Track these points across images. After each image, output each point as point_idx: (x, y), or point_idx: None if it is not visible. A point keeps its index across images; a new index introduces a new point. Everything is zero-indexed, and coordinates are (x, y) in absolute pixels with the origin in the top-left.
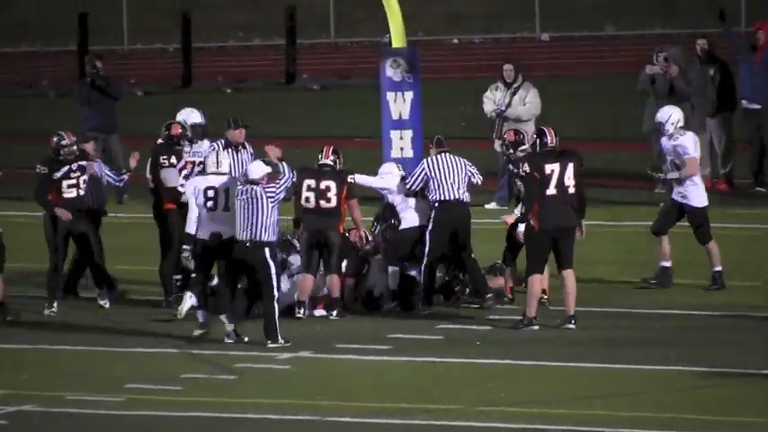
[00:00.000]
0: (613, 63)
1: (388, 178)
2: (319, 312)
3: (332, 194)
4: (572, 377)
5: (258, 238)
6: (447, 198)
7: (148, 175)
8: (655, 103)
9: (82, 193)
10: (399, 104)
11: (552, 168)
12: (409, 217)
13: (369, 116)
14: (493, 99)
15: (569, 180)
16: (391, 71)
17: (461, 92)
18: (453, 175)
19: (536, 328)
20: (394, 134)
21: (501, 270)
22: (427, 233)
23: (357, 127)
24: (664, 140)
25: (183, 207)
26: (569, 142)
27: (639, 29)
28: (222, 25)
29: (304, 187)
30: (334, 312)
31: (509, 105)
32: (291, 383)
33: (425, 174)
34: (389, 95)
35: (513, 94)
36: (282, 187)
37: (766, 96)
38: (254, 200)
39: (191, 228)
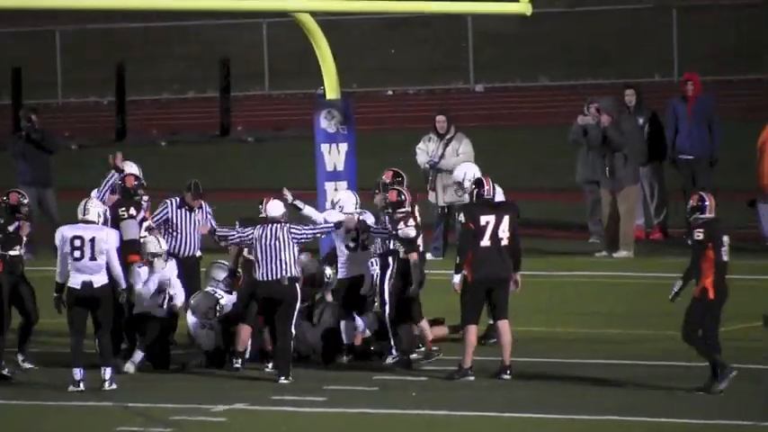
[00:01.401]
0: (547, 114)
1: (332, 213)
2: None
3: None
4: (508, 427)
5: (291, 274)
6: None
7: None
8: (587, 154)
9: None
10: (334, 156)
11: (487, 220)
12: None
13: (303, 168)
14: (426, 150)
15: (504, 232)
16: (325, 123)
17: (396, 143)
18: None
19: (471, 378)
20: (329, 185)
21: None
22: (386, 284)
23: (292, 179)
24: (466, 196)
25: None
26: (504, 193)
27: (572, 79)
28: (156, 78)
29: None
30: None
31: (442, 156)
32: None
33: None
34: (324, 147)
35: (446, 145)
36: (314, 233)
37: (699, 146)
38: (280, 240)
39: (58, 276)
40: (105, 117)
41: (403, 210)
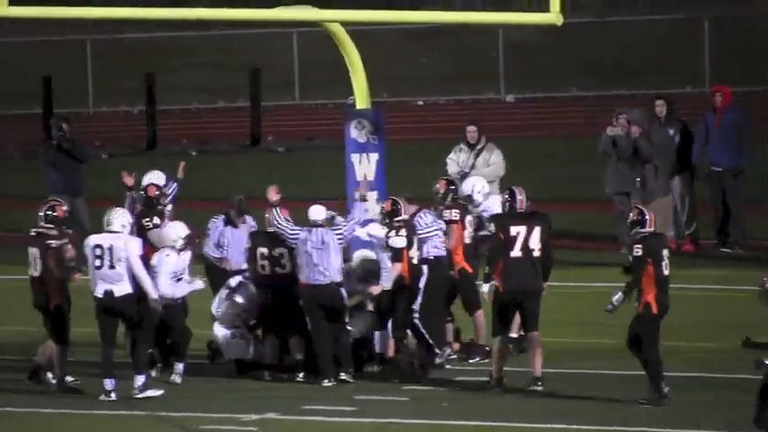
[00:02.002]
0: (577, 124)
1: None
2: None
3: (285, 261)
4: None
5: (337, 279)
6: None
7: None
8: (616, 164)
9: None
10: (364, 166)
11: (518, 230)
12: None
13: (334, 178)
14: (457, 161)
15: (535, 243)
16: (356, 133)
17: (426, 153)
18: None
19: (502, 389)
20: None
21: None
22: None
23: (322, 189)
24: (477, 210)
25: None
26: (534, 203)
27: (603, 90)
28: (186, 87)
29: (258, 254)
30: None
31: (473, 167)
32: None
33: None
34: (354, 157)
35: (477, 155)
36: (348, 227)
37: (728, 158)
38: (325, 243)
39: (91, 285)
40: (136, 126)
41: (399, 219)
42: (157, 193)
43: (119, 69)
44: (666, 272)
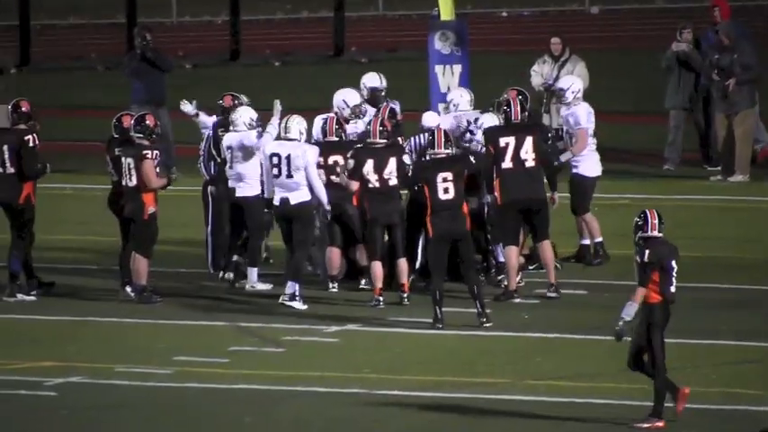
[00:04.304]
0: (662, 37)
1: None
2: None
3: (339, 168)
4: (619, 351)
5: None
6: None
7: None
8: (678, 80)
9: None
10: (448, 78)
11: (507, 141)
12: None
13: (417, 89)
14: (540, 73)
15: (527, 153)
16: (440, 44)
17: (509, 65)
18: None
19: (516, 300)
20: (441, 107)
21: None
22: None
23: (406, 100)
24: (562, 109)
25: None
26: (616, 116)
27: (689, 2)
28: None
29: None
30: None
31: (557, 79)
32: (339, 356)
33: None
34: (438, 69)
35: (561, 67)
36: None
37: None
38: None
39: (266, 192)
40: (219, 36)
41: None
42: (231, 103)
43: None
44: (673, 288)
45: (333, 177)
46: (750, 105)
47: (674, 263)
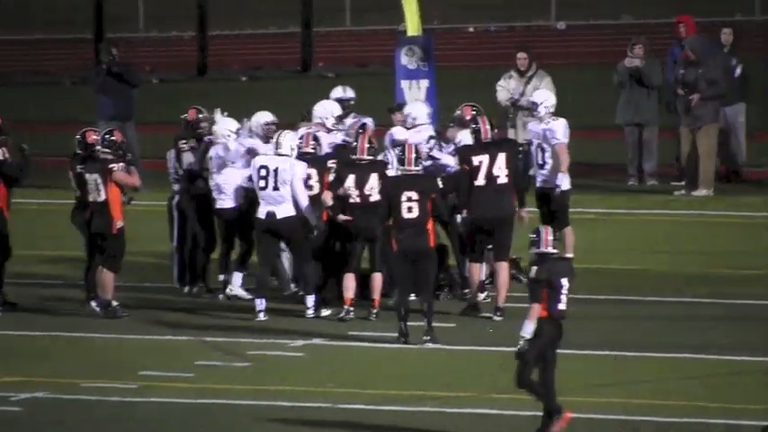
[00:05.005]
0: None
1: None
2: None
3: (313, 182)
4: (586, 365)
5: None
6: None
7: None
8: (629, 95)
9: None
10: (414, 92)
11: (480, 160)
12: None
13: (383, 104)
14: (507, 88)
15: (500, 170)
16: (406, 59)
17: (476, 80)
18: None
19: (481, 315)
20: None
21: None
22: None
23: (374, 114)
24: (533, 123)
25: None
26: (583, 131)
27: (655, 17)
28: (238, 13)
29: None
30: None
31: (523, 94)
32: (304, 370)
33: None
34: (404, 84)
35: (527, 82)
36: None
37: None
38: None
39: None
40: (187, 52)
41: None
42: (197, 117)
43: None
44: (562, 306)
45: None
46: (714, 120)
47: (564, 280)
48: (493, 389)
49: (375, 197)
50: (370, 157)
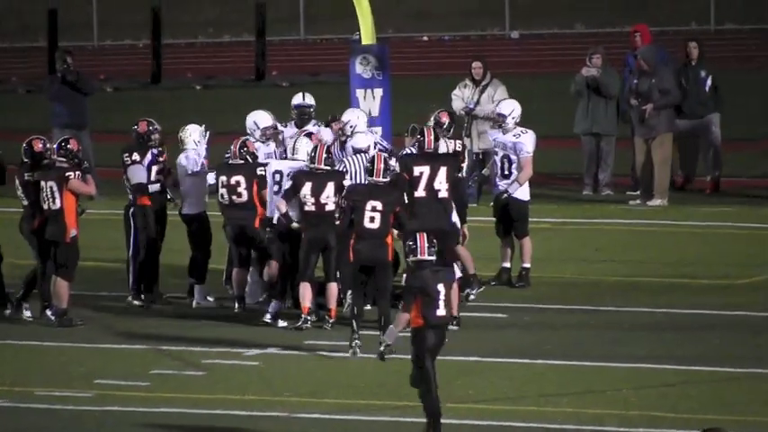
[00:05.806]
0: (582, 61)
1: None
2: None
3: (242, 189)
4: (540, 375)
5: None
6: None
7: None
8: (587, 105)
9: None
10: (369, 101)
11: (422, 170)
12: None
13: (339, 113)
14: (461, 97)
15: (441, 183)
16: (361, 68)
17: (431, 89)
18: None
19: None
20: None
21: None
22: None
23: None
24: (497, 134)
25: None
26: (541, 140)
27: (608, 27)
28: (192, 21)
29: (220, 183)
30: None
31: (477, 103)
32: (260, 379)
33: None
34: (359, 92)
35: (482, 91)
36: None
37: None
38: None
39: (269, 211)
40: (141, 60)
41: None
42: (148, 129)
43: (124, 3)
44: (441, 312)
45: (234, 198)
46: (668, 129)
47: (440, 287)
48: (450, 398)
49: (330, 206)
50: (327, 168)
